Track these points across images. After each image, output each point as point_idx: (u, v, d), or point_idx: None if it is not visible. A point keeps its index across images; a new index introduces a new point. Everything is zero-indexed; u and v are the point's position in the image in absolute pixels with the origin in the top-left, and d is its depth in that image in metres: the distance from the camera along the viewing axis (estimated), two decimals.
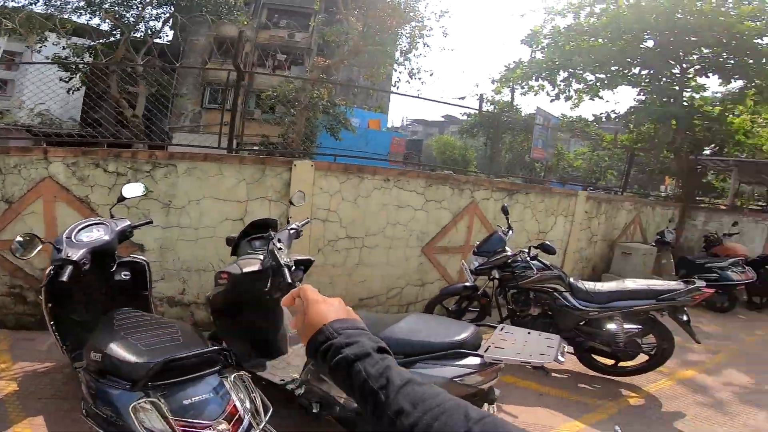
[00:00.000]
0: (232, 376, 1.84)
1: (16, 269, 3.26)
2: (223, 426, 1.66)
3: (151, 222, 2.69)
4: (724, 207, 8.18)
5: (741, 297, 6.02)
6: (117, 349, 1.78)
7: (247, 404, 1.79)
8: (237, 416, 1.72)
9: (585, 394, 3.25)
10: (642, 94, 10.11)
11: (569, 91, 10.99)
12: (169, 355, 1.70)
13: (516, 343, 1.96)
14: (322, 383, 2.11)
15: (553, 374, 3.47)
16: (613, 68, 9.92)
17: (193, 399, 1.68)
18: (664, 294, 3.14)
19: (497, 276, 3.44)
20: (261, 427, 1.75)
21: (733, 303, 5.83)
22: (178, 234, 3.58)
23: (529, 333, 2.05)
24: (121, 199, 2.54)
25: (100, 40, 11.39)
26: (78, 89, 10.34)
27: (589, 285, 3.35)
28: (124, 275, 2.49)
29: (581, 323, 3.34)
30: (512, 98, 10.39)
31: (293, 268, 2.33)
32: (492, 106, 14.73)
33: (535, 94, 11.68)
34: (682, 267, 6.15)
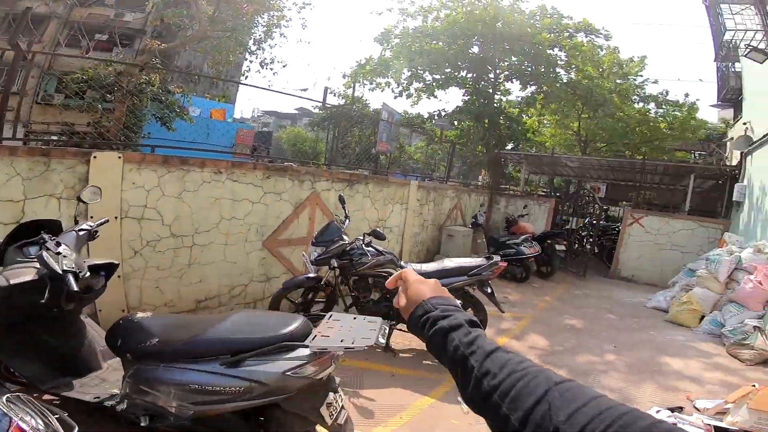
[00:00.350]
0: (4, 397, 1.52)
1: None
2: None
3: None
4: (518, 193, 10.23)
5: (533, 268, 7.46)
6: None
7: (39, 425, 1.50)
8: None
9: (430, 369, 3.56)
10: (466, 95, 11.82)
11: (411, 89, 12.12)
12: None
13: (341, 330, 1.97)
14: (145, 395, 1.90)
15: (401, 354, 3.76)
16: (446, 70, 11.29)
17: None
18: (473, 270, 3.65)
19: (336, 265, 3.54)
20: None
21: (528, 273, 7.17)
22: None
23: (354, 318, 2.11)
24: None
25: None
26: None
27: (417, 266, 3.73)
28: None
29: None
30: (353, 93, 10.89)
31: (84, 273, 1.99)
32: (342, 100, 15.13)
33: (381, 91, 12.53)
34: (490, 245, 7.43)
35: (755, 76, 7.48)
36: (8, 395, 1.52)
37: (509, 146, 12.77)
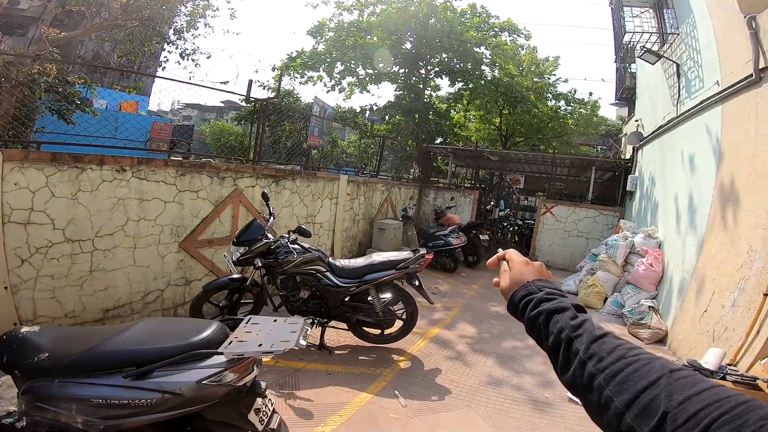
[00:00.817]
0: None
1: None
2: None
3: None
4: (446, 185, 10.67)
5: (460, 258, 7.75)
6: None
7: None
8: None
9: (365, 365, 3.56)
10: (398, 90, 12.00)
11: (343, 83, 12.03)
12: None
13: (260, 334, 1.87)
14: (44, 412, 1.72)
15: (336, 352, 3.72)
16: (379, 65, 11.35)
17: None
18: (400, 263, 3.65)
19: (261, 264, 3.40)
20: None
21: (456, 263, 7.43)
22: None
23: (275, 321, 2.01)
24: None
25: None
26: None
27: (345, 262, 3.68)
28: None
29: (346, 299, 3.63)
30: (279, 86, 10.52)
31: None
32: (272, 93, 14.60)
33: (313, 84, 12.28)
34: (421, 237, 7.65)
35: (647, 76, 8.35)
36: None
37: (438, 140, 13.23)
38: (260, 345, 1.76)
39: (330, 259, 3.67)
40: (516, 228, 10.32)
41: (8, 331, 1.87)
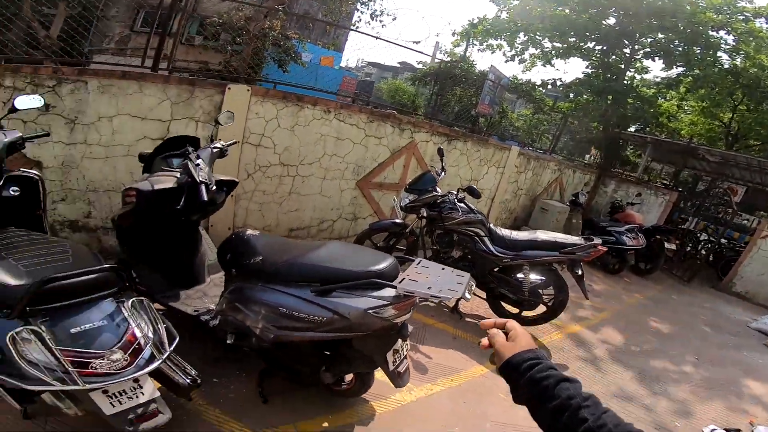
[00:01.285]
0: (130, 301, 1.68)
1: None
2: (118, 355, 1.52)
3: (47, 134, 2.32)
4: (633, 179, 9.10)
5: (630, 261, 6.69)
6: None
7: (149, 333, 1.65)
8: (135, 345, 1.58)
9: None
10: (590, 67, 10.56)
11: (525, 54, 11.22)
12: (48, 275, 1.48)
13: (429, 278, 1.90)
14: (237, 313, 1.98)
15: (467, 319, 3.75)
16: (570, 39, 10.14)
17: (82, 327, 1.52)
18: (567, 247, 3.38)
19: (425, 215, 3.56)
20: (164, 357, 1.64)
21: (623, 266, 6.48)
22: (84, 151, 3.19)
23: (443, 269, 2.01)
24: (13, 110, 2.14)
25: None
26: None
27: (506, 232, 3.57)
28: (13, 191, 2.14)
29: (495, 269, 3.56)
30: (465, 52, 10.33)
31: (212, 187, 2.20)
32: (448, 58, 14.61)
33: (492, 53, 11.88)
34: (587, 227, 6.83)
35: None
36: (134, 299, 1.69)
37: (632, 128, 11.25)
38: (429, 288, 1.80)
39: (491, 225, 3.61)
40: (717, 247, 8.27)
41: (237, 230, 2.19)
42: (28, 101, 2.21)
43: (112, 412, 1.53)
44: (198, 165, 2.11)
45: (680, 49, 9.44)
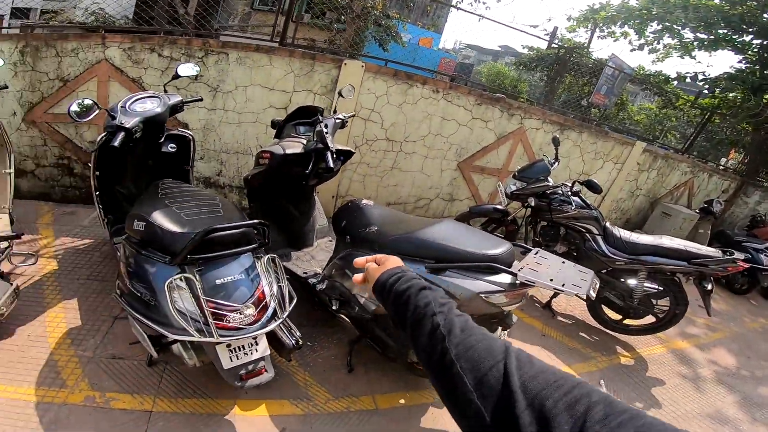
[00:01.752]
0: (266, 258, 1.74)
1: (65, 141, 3.31)
2: (250, 311, 1.57)
3: (201, 99, 2.63)
4: None
5: (763, 283, 5.70)
6: (160, 218, 1.67)
7: (275, 290, 1.70)
8: (264, 302, 1.62)
9: (582, 343, 3.27)
10: (744, 62, 8.97)
11: (658, 44, 9.93)
12: (210, 225, 1.56)
13: (550, 269, 1.80)
14: (345, 279, 2.01)
15: (559, 318, 3.53)
16: (720, 31, 8.75)
17: (225, 279, 1.57)
18: (699, 258, 2.96)
19: (532, 204, 3.34)
20: (284, 316, 1.68)
21: (752, 287, 5.57)
22: (222, 116, 3.59)
23: (564, 262, 1.88)
24: (176, 76, 2.45)
25: None
26: None
27: (626, 234, 3.19)
28: (171, 147, 2.45)
29: (603, 270, 3.25)
30: (591, 38, 9.39)
31: (335, 155, 2.28)
32: (560, 44, 13.54)
33: (615, 40, 10.77)
34: (717, 240, 5.87)
35: None
36: (269, 256, 1.74)
37: None
38: (552, 280, 1.71)
39: (607, 224, 3.26)
40: None
41: (353, 200, 2.22)
42: (187, 69, 2.50)
43: (229, 366, 1.58)
44: (327, 133, 2.19)
45: None
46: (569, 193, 3.25)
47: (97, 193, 2.38)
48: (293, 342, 1.80)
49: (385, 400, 2.18)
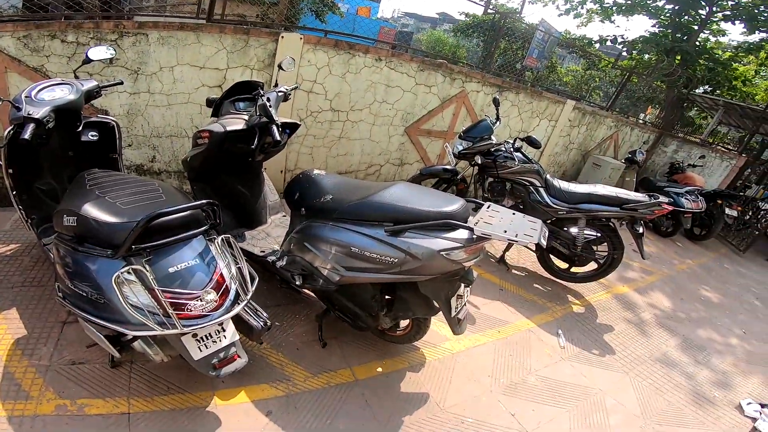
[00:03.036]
0: (219, 239, 1.63)
1: None
2: (212, 296, 1.47)
3: (121, 83, 2.40)
4: (697, 140, 8.44)
5: (685, 224, 6.24)
6: (93, 210, 1.51)
7: (234, 272, 1.61)
8: (224, 285, 1.53)
9: (538, 294, 3.47)
10: (657, 26, 9.76)
11: (581, 9, 10.50)
12: (154, 211, 1.42)
13: (503, 221, 1.80)
14: (305, 253, 1.93)
15: (513, 271, 3.74)
16: None
17: (179, 266, 1.46)
18: (629, 203, 3.21)
19: (479, 162, 3.49)
20: (248, 297, 1.61)
21: (676, 229, 6.13)
22: (147, 100, 3.30)
23: (514, 214, 1.91)
24: (87, 61, 2.18)
25: None
26: None
27: (564, 184, 3.42)
28: (92, 135, 2.21)
29: (548, 221, 3.45)
30: (523, 5, 9.72)
31: (280, 128, 2.21)
32: (495, 10, 13.91)
33: (544, 6, 11.19)
34: (642, 186, 6.46)
35: None
36: (223, 237, 1.64)
37: (699, 90, 10.40)
38: (505, 231, 1.70)
39: (548, 176, 3.49)
40: None
41: (304, 171, 2.13)
42: (99, 52, 2.24)
43: (200, 357, 1.50)
44: (270, 106, 2.11)
45: (765, 14, 8.44)
46: (512, 149, 3.43)
47: (14, 192, 2.12)
48: (261, 323, 1.75)
49: (363, 371, 2.21)
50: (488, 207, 1.98)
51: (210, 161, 2.28)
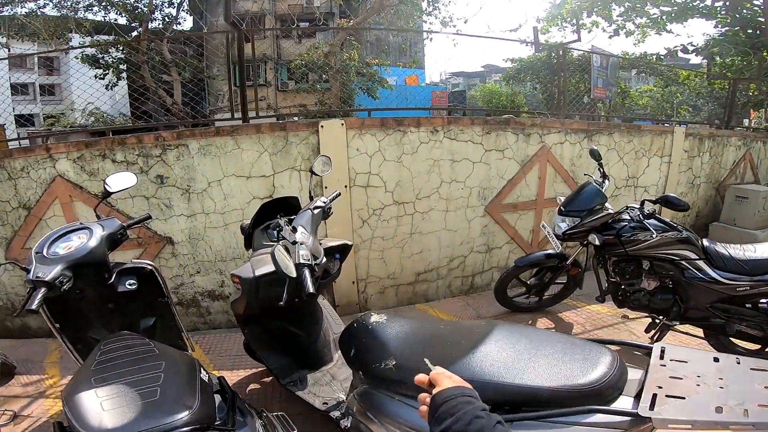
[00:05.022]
0: (258, 423, 1.33)
1: None
2: None
3: (149, 217, 2.14)
4: None
5: None
6: (77, 410, 1.29)
7: None
8: None
9: None
10: (719, 26, 8.64)
11: (629, 26, 9.68)
12: None
13: (704, 387, 1.06)
14: (371, 423, 1.48)
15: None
16: (679, 0, 8.65)
17: None
18: None
19: (597, 243, 2.61)
20: None
21: None
22: (204, 221, 3.16)
23: (716, 360, 1.14)
24: (107, 194, 1.97)
25: (123, 34, 11.37)
26: (115, 84, 10.81)
27: (735, 250, 2.40)
28: (129, 285, 1.96)
29: (717, 301, 2.45)
30: (578, 29, 9.16)
31: (321, 260, 1.74)
32: (538, 48, 13.59)
33: (588, 32, 10.58)
34: None
35: None
36: (261, 421, 1.36)
37: None
38: (719, 410, 0.95)
39: (705, 241, 2.49)
40: None
41: (359, 318, 1.65)
42: (120, 181, 1.98)
43: None
44: (296, 242, 1.60)
45: None
46: (640, 216, 2.52)
47: (65, 343, 1.94)
48: None
49: None
50: (662, 353, 1.19)
51: (253, 306, 1.91)
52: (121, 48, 10.86)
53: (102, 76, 10.48)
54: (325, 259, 1.81)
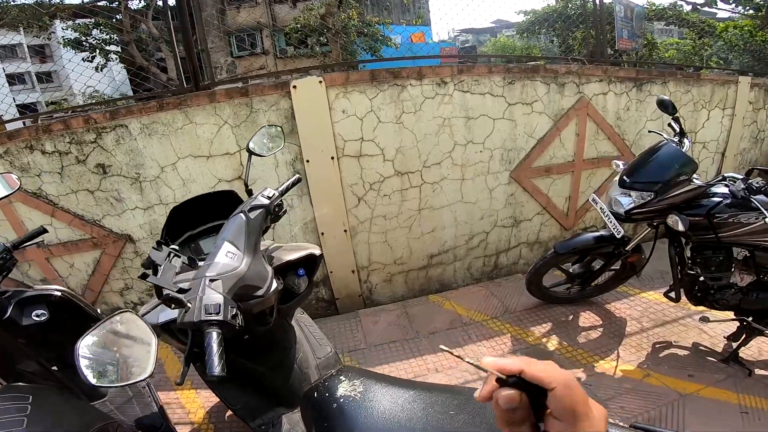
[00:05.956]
0: None
1: None
2: None
3: (45, 231, 1.59)
4: None
5: None
6: None
7: None
8: None
9: None
10: None
11: None
12: None
13: None
14: None
15: (758, 371, 2.05)
16: None
17: None
18: None
19: (680, 228, 1.87)
20: None
21: None
22: (164, 213, 2.55)
23: None
24: None
25: (104, 13, 10.72)
26: (104, 66, 10.75)
27: None
28: (36, 317, 1.53)
29: None
30: None
31: (268, 291, 1.15)
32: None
33: None
34: None
35: None
36: None
37: None
38: None
39: None
40: None
41: (325, 383, 0.93)
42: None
43: None
44: (207, 277, 1.01)
45: None
46: (743, 191, 1.79)
47: None
48: None
49: None
50: None
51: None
52: (103, 29, 10.35)
53: (90, 59, 10.38)
54: (280, 284, 1.22)
